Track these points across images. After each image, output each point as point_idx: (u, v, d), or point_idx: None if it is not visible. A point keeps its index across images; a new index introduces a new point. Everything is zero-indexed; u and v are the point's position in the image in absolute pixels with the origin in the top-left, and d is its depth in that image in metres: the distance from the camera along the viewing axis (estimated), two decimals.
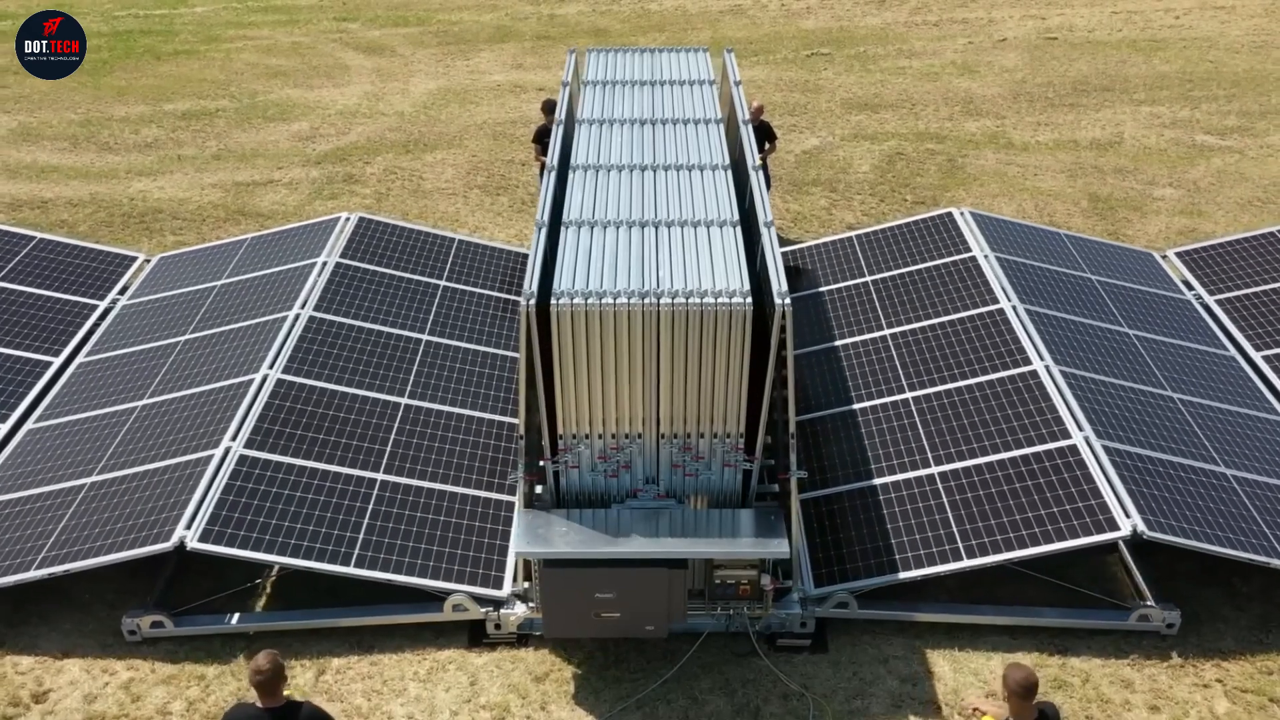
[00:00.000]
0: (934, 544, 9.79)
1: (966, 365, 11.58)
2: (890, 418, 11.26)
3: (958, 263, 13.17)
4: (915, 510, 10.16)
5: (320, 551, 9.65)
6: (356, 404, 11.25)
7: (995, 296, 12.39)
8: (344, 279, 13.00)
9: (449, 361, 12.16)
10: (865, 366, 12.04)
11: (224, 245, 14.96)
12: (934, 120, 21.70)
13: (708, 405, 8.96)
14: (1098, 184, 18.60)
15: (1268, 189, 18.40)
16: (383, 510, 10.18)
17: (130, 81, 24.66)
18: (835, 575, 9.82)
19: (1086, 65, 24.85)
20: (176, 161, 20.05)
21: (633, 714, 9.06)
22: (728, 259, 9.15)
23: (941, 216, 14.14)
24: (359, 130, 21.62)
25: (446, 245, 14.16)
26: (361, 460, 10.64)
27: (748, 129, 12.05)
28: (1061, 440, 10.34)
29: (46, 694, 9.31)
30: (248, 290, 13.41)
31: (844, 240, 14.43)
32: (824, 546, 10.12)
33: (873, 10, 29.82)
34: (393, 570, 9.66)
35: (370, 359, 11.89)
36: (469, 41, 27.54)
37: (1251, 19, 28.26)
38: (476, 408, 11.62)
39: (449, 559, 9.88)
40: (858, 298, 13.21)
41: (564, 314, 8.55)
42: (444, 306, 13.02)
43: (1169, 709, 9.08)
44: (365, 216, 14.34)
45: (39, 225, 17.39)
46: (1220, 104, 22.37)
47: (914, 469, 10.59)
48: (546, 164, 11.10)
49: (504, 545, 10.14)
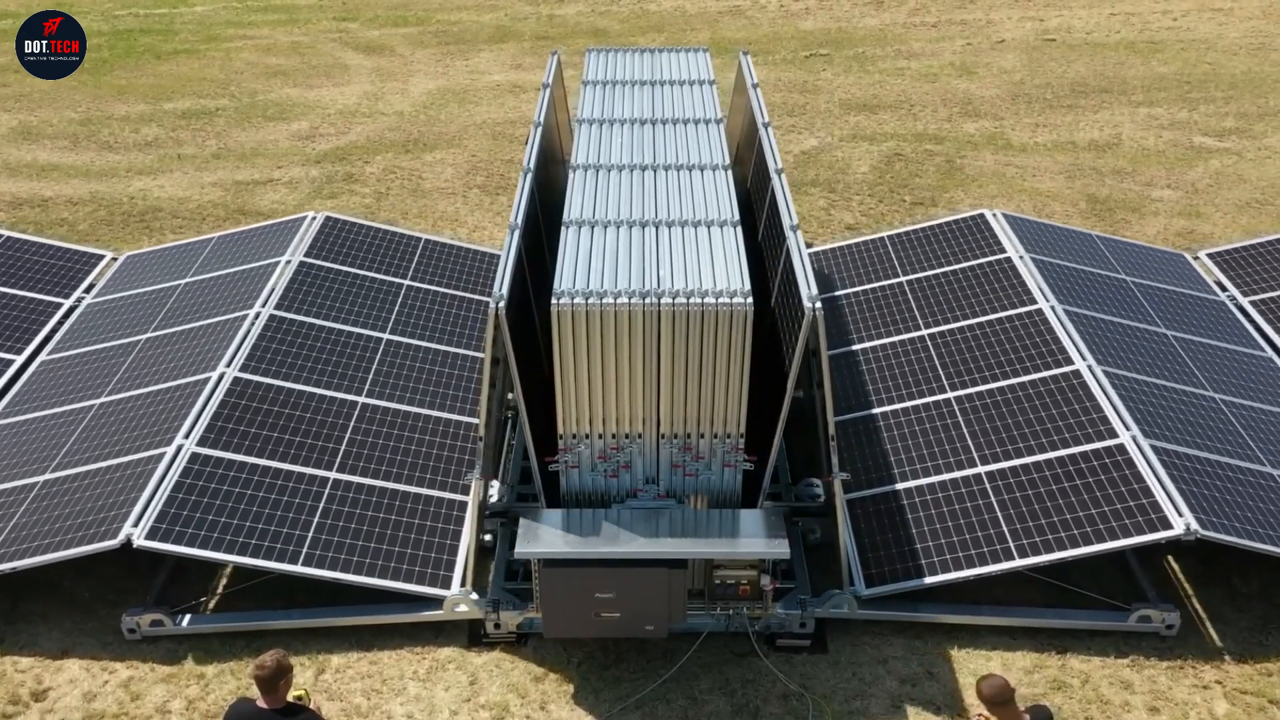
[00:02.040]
0: (984, 544, 9.77)
1: (1008, 365, 11.56)
2: (933, 417, 11.24)
3: (993, 263, 13.15)
4: (964, 510, 10.14)
5: (269, 550, 9.63)
6: (313, 402, 11.22)
7: (1033, 297, 12.37)
8: (307, 278, 12.95)
9: (409, 360, 12.13)
10: (905, 366, 12.01)
11: (191, 244, 14.92)
12: (932, 121, 21.71)
13: (708, 405, 8.97)
14: (1096, 185, 18.61)
15: (1265, 190, 18.42)
16: (334, 509, 10.15)
17: (130, 80, 24.65)
18: (886, 575, 9.80)
19: (1085, 67, 24.86)
20: (177, 160, 20.05)
21: (632, 714, 9.07)
22: (728, 259, 9.15)
23: (974, 218, 14.12)
24: (359, 130, 21.61)
25: (412, 245, 14.10)
26: (315, 459, 10.61)
27: (768, 131, 12.03)
28: (1108, 440, 10.31)
29: (46, 692, 9.31)
30: (211, 289, 13.36)
31: (876, 241, 14.39)
32: (873, 547, 10.10)
33: (871, 11, 29.83)
34: (340, 569, 9.63)
35: (329, 357, 11.85)
36: (468, 41, 27.54)
37: (1249, 21, 28.28)
38: (434, 407, 11.59)
39: (398, 558, 9.85)
40: (893, 298, 13.17)
41: (564, 314, 8.55)
42: (406, 306, 12.97)
43: (1168, 710, 9.09)
44: (331, 216, 14.27)
45: (39, 224, 17.39)
46: (1218, 106, 22.39)
47: (960, 469, 10.57)
48: (524, 167, 11.09)
49: (454, 545, 10.11)
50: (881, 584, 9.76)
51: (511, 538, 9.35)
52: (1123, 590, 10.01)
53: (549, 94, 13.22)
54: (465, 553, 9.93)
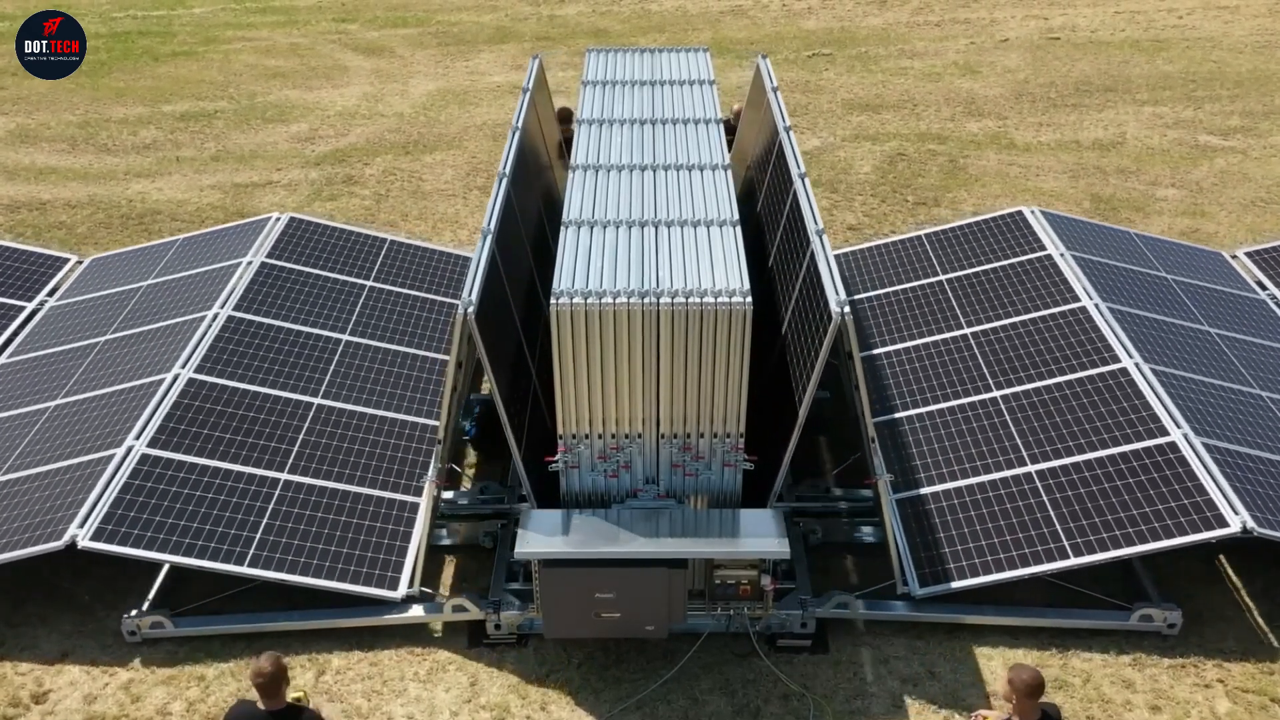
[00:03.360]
0: (1038, 542, 9.70)
1: (1053, 363, 11.49)
2: (979, 416, 11.17)
3: (1033, 261, 13.06)
4: (1015, 509, 10.07)
5: (214, 551, 9.58)
6: (267, 403, 11.15)
7: (1076, 295, 12.27)
8: (267, 279, 12.85)
9: (367, 362, 12.04)
10: (948, 366, 11.93)
11: (156, 246, 14.82)
12: (935, 121, 21.68)
13: (707, 405, 8.94)
14: (1100, 184, 18.58)
15: (1271, 189, 18.37)
16: (283, 510, 10.09)
17: (129, 83, 24.65)
18: (940, 575, 9.74)
19: (1089, 65, 24.82)
20: (175, 163, 20.04)
21: (633, 714, 9.04)
22: (728, 258, 9.13)
23: (1012, 215, 14.02)
24: (358, 131, 21.60)
25: (377, 246, 13.98)
26: (266, 460, 10.54)
27: (789, 135, 12.00)
28: (1160, 438, 10.24)
29: (46, 695, 9.29)
30: (172, 290, 13.27)
31: (913, 239, 14.29)
32: (925, 546, 10.04)
33: (874, 10, 29.80)
34: (286, 570, 9.58)
35: (286, 359, 11.76)
36: (468, 42, 27.53)
37: (1255, 19, 28.23)
38: (391, 408, 11.52)
39: (345, 559, 9.79)
40: (933, 297, 13.09)
41: (563, 313, 8.53)
42: (368, 307, 12.87)
43: (1170, 709, 9.05)
44: (296, 216, 14.15)
45: (37, 227, 17.39)
46: (1223, 104, 22.35)
47: (1009, 468, 10.50)
48: (499, 171, 11.06)
49: (404, 546, 10.06)
50: (935, 584, 9.69)
51: (512, 539, 9.31)
52: (1124, 589, 9.97)
53: (529, 98, 13.19)
54: (414, 554, 9.88)
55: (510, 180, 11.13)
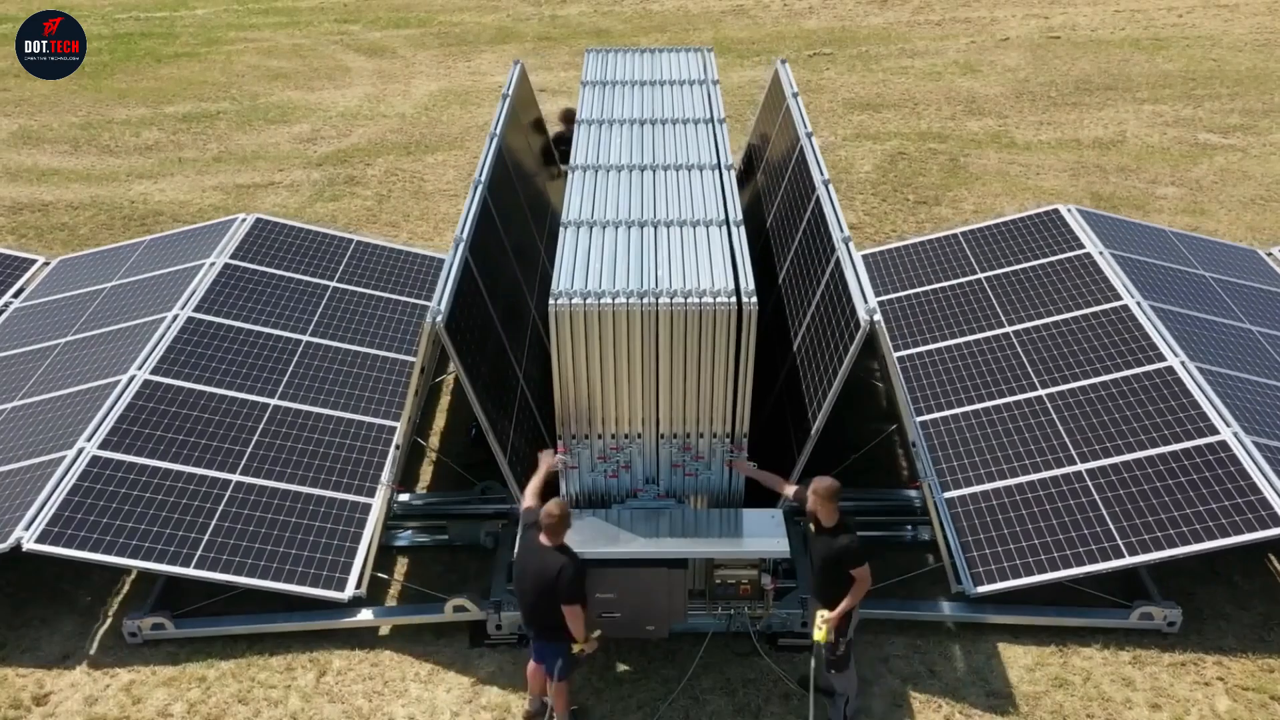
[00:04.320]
0: (1091, 541, 9.67)
1: (1098, 362, 11.45)
2: (1025, 415, 11.12)
3: (1073, 259, 13.02)
4: (1066, 508, 10.03)
5: (160, 553, 9.53)
6: (223, 405, 11.09)
7: (1117, 293, 12.23)
8: (230, 280, 12.79)
9: (327, 363, 11.98)
10: (991, 364, 11.89)
11: (122, 247, 14.75)
12: (936, 120, 21.69)
13: (707, 405, 8.95)
14: (1100, 183, 18.59)
15: (1270, 187, 18.38)
16: (232, 511, 10.05)
17: (131, 84, 24.68)
18: (994, 574, 9.71)
19: (1089, 64, 24.83)
20: (177, 164, 20.07)
21: (633, 714, 9.05)
22: (728, 259, 9.13)
23: (1049, 213, 13.97)
24: (360, 132, 21.63)
25: (343, 246, 13.91)
26: (219, 461, 10.49)
27: (812, 141, 11.99)
28: (1210, 436, 10.21)
29: (47, 696, 9.31)
30: (134, 292, 13.21)
31: (949, 237, 14.25)
32: (976, 545, 10.02)
33: (875, 10, 29.81)
34: (233, 571, 9.54)
35: (245, 359, 11.71)
36: (470, 43, 27.55)
37: (1255, 17, 28.23)
38: (349, 409, 11.47)
39: (293, 560, 9.75)
40: (972, 295, 13.05)
41: (563, 314, 8.54)
42: (330, 308, 12.80)
43: (1170, 707, 9.06)
44: (262, 218, 14.08)
45: (39, 228, 17.43)
46: (1223, 102, 22.35)
47: (1058, 466, 10.46)
48: (474, 179, 11.07)
49: (353, 547, 10.01)
50: (990, 583, 9.67)
51: (512, 539, 9.32)
52: (1124, 587, 9.98)
53: (509, 104, 13.20)
54: (363, 555, 9.88)
55: (488, 187, 11.15)
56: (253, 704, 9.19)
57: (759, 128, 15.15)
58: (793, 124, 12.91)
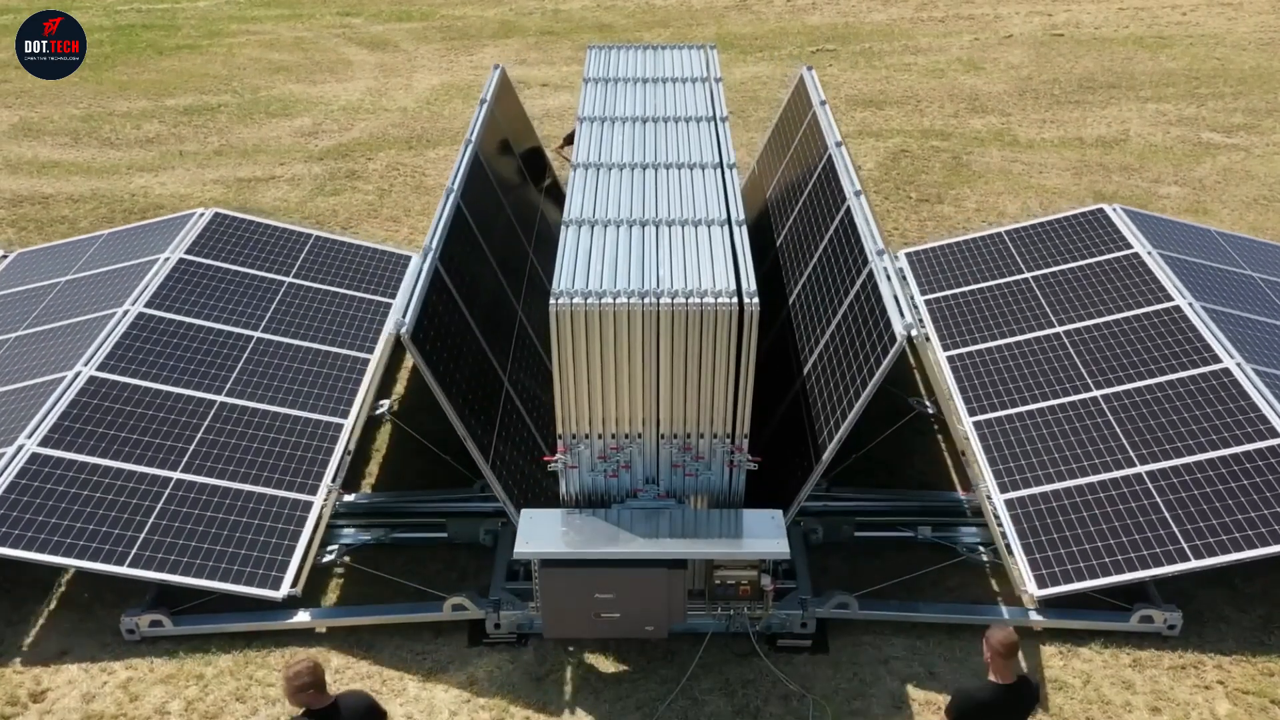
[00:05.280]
0: (1155, 544, 9.61)
1: (1152, 363, 11.38)
2: (1080, 416, 11.06)
3: (1121, 259, 12.95)
4: (1128, 510, 9.97)
5: (96, 551, 9.48)
6: (168, 401, 11.02)
7: (1169, 294, 12.14)
8: (183, 275, 12.70)
9: (278, 359, 11.90)
10: (1043, 364, 11.83)
11: (80, 241, 14.65)
12: (939, 117, 21.65)
13: (707, 405, 8.92)
14: (1103, 182, 18.55)
15: (1273, 187, 18.34)
16: (171, 509, 9.99)
17: (132, 76, 24.65)
18: (1058, 576, 9.65)
19: (1093, 62, 24.78)
20: (178, 157, 20.04)
21: (633, 714, 9.03)
22: (729, 258, 9.10)
23: (1094, 213, 13.92)
24: (362, 126, 21.59)
25: (301, 241, 13.82)
26: (161, 459, 10.43)
27: (841, 151, 11.90)
28: (1270, 439, 10.14)
29: (45, 693, 9.29)
30: (88, 287, 13.11)
31: (993, 236, 14.22)
32: (1039, 547, 9.95)
33: (878, 6, 29.76)
34: (168, 570, 9.50)
35: (193, 355, 11.63)
36: (473, 37, 27.51)
37: (1259, 15, 28.18)
38: (297, 406, 11.40)
39: (230, 558, 9.71)
40: (1020, 294, 13.00)
41: (563, 314, 8.51)
42: (285, 303, 12.72)
43: (1170, 710, 9.04)
44: (221, 212, 14.00)
45: (40, 221, 17.39)
46: (1227, 101, 22.31)
47: (1117, 469, 10.39)
48: (448, 186, 11.04)
49: (291, 545, 9.97)
50: (1054, 585, 9.61)
51: (512, 537, 9.30)
52: (1125, 590, 9.95)
53: (487, 110, 13.13)
54: (300, 555, 9.86)
55: (461, 194, 11.13)
56: (250, 702, 9.17)
57: (777, 138, 14.96)
58: (819, 133, 12.81)
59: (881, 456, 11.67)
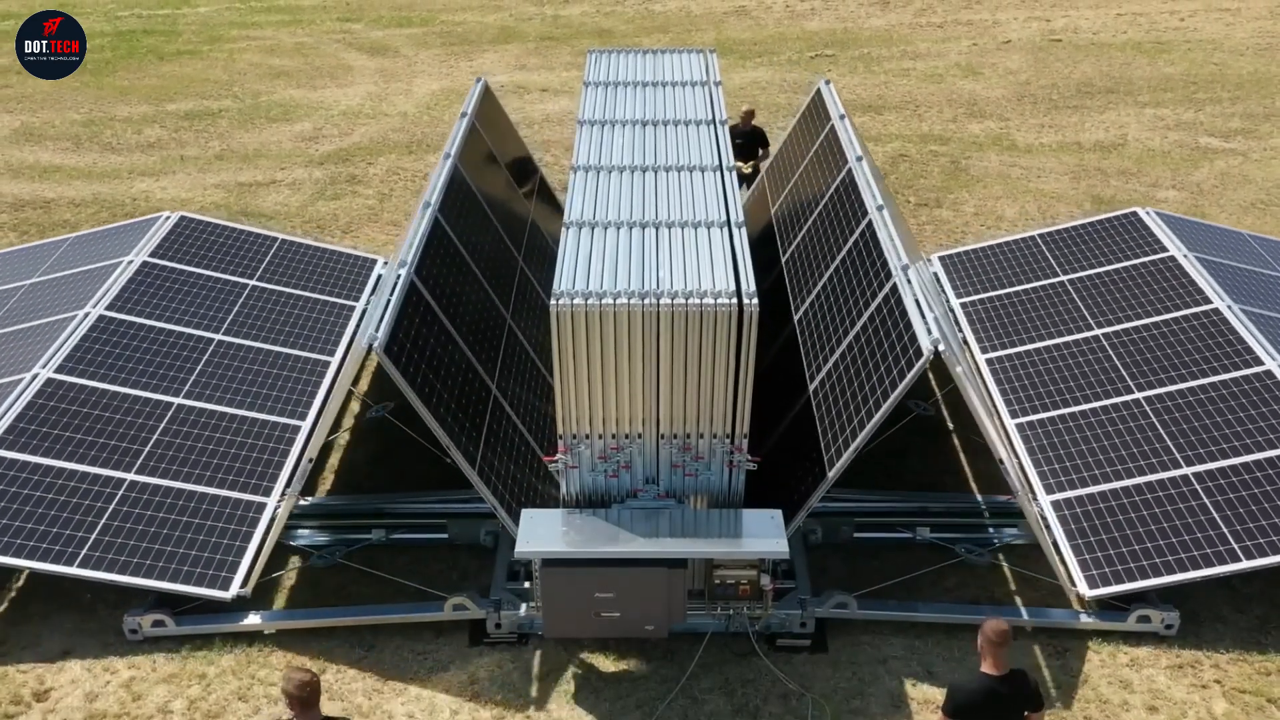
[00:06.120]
0: (1205, 545, 9.64)
1: (1193, 365, 11.40)
2: (1124, 419, 11.08)
3: (1157, 262, 12.97)
4: (1176, 511, 10.00)
5: (45, 551, 9.50)
6: (125, 403, 11.03)
7: (1206, 297, 12.17)
8: (146, 278, 12.71)
9: (238, 362, 11.92)
10: (1083, 367, 11.87)
11: (46, 244, 14.65)
12: (937, 122, 21.72)
13: (706, 406, 8.96)
14: (1101, 186, 18.61)
15: (1271, 191, 18.40)
16: (124, 510, 10.01)
17: (133, 81, 24.71)
18: (1109, 577, 9.69)
19: (1091, 67, 24.85)
20: (179, 162, 20.10)
21: (632, 713, 9.07)
22: (729, 260, 9.15)
23: (1128, 216, 13.96)
24: (362, 131, 21.65)
25: (266, 245, 13.84)
26: (115, 460, 10.44)
27: (862, 165, 11.92)
28: None
29: (48, 692, 9.33)
30: (50, 290, 13.12)
31: (1027, 239, 14.26)
32: (1088, 548, 10.00)
33: (877, 12, 29.84)
34: (117, 571, 9.52)
35: (153, 358, 11.64)
36: (473, 42, 27.58)
37: (1256, 21, 28.26)
38: (255, 408, 11.43)
39: (180, 559, 9.73)
40: (1056, 297, 13.04)
41: (564, 314, 8.56)
42: (247, 307, 12.74)
43: (1167, 709, 9.08)
44: (186, 215, 14.01)
45: (41, 225, 17.45)
46: (1224, 106, 22.38)
47: (1163, 470, 10.41)
48: (424, 200, 11.06)
49: (243, 546, 10.00)
50: (1105, 585, 9.65)
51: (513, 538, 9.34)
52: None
53: (467, 124, 13.18)
54: (252, 555, 9.90)
55: (439, 209, 11.19)
56: (252, 701, 9.21)
57: (788, 150, 14.88)
58: (838, 146, 12.78)
59: (881, 457, 11.71)
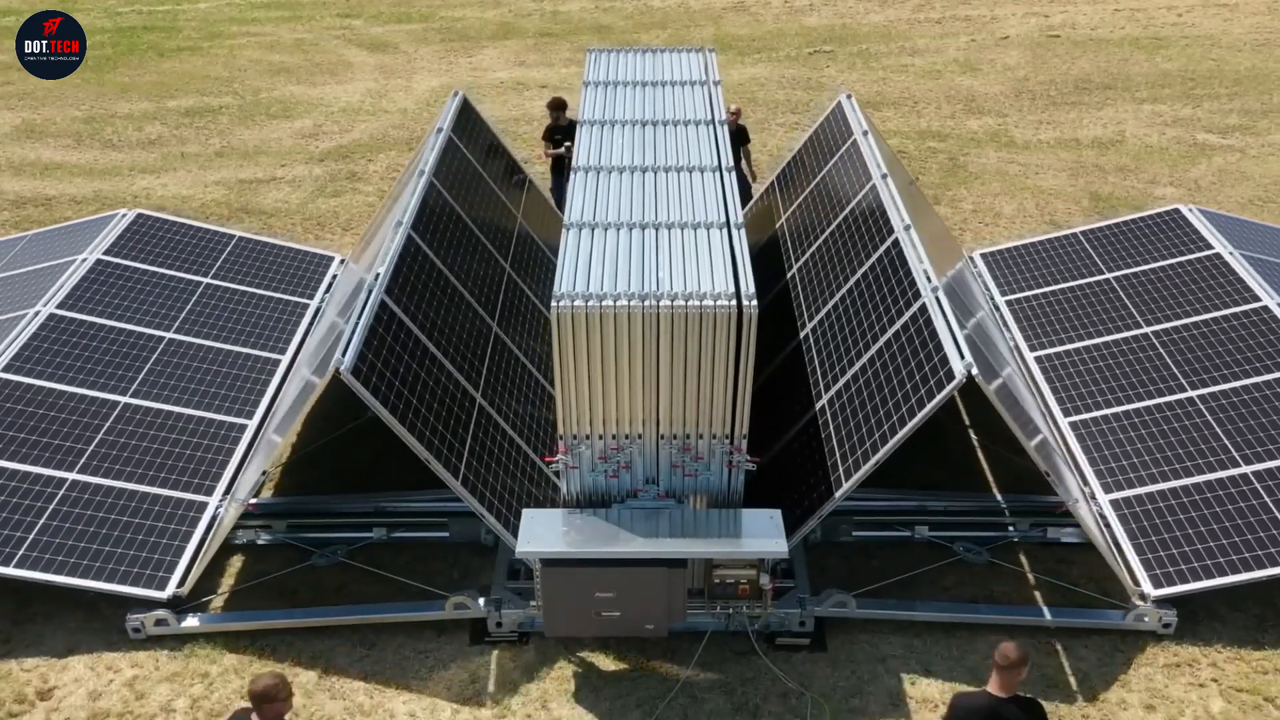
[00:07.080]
0: (1270, 544, 9.64)
1: (1245, 363, 11.37)
2: (1179, 417, 11.08)
3: (1202, 260, 12.95)
4: (1237, 510, 9.99)
5: None
6: (70, 403, 11.03)
7: (1255, 294, 12.14)
8: (99, 276, 12.70)
9: (188, 360, 11.93)
10: (1135, 365, 11.86)
11: (3, 242, 14.63)
12: (936, 118, 21.74)
13: (706, 407, 9.00)
14: (1099, 182, 18.64)
15: (1269, 187, 18.44)
16: (64, 510, 10.03)
17: (134, 78, 24.72)
18: (1174, 576, 9.70)
19: (1089, 63, 24.87)
20: (180, 159, 20.12)
21: (632, 713, 9.13)
22: (728, 262, 9.18)
23: (1170, 213, 13.94)
24: (362, 127, 21.67)
25: (223, 242, 13.84)
26: (57, 459, 10.45)
27: (888, 183, 11.83)
28: None
29: (51, 691, 9.38)
30: (3, 288, 13.09)
31: (1069, 236, 14.26)
32: (1150, 547, 10.00)
33: (876, 7, 29.85)
34: (54, 571, 9.54)
35: (102, 357, 11.64)
36: (472, 38, 27.59)
37: (1254, 16, 28.27)
38: (201, 407, 11.43)
39: (118, 559, 9.75)
40: (1103, 295, 13.03)
41: (564, 316, 8.59)
42: (200, 305, 12.74)
43: (1164, 708, 9.14)
44: (143, 213, 14.01)
45: (42, 223, 17.46)
46: (1222, 102, 22.40)
47: (1221, 469, 10.40)
48: (397, 219, 11.09)
49: (182, 546, 10.03)
50: (1169, 585, 9.67)
51: None
52: (1119, 588, 10.04)
53: (444, 139, 13.14)
54: (191, 554, 9.95)
55: (413, 225, 11.22)
56: None
57: (800, 163, 14.73)
58: (860, 162, 12.70)
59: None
